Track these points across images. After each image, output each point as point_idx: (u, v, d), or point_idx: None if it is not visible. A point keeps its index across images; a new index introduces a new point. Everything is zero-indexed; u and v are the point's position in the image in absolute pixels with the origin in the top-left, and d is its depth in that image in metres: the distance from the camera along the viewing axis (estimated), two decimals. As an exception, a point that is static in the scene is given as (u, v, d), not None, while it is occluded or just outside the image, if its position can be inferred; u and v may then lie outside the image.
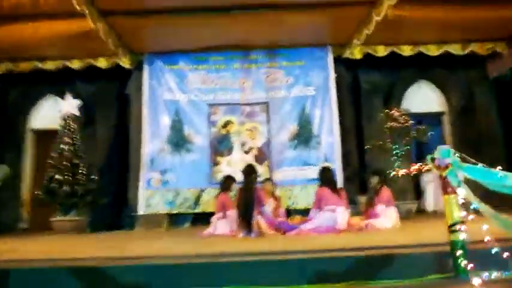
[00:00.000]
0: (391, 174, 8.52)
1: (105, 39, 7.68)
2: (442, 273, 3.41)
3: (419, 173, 9.44)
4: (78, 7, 6.54)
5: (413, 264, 3.54)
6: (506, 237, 3.23)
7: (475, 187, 3.38)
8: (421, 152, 9.89)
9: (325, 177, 6.44)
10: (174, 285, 3.30)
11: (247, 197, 5.95)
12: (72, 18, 7.13)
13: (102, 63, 8.85)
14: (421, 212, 9.33)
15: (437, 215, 9.18)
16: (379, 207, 6.51)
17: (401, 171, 8.63)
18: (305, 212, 7.06)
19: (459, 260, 3.26)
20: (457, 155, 3.43)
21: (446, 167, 3.41)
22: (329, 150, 8.92)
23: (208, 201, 8.40)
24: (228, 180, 6.89)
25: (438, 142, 10.45)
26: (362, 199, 8.83)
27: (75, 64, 8.81)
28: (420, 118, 9.45)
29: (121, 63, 8.84)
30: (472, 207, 3.21)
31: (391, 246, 3.96)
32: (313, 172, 8.58)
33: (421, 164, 9.01)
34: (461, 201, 3.33)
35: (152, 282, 3.31)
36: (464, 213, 3.33)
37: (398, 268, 3.49)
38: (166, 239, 6.01)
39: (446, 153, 3.44)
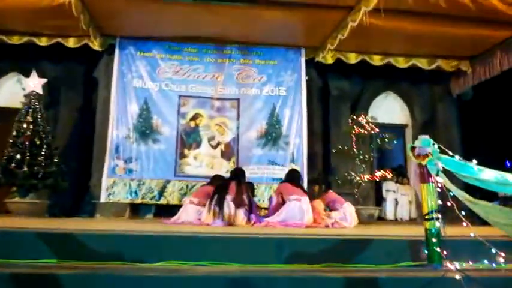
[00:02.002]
0: (356, 179, 8.69)
1: (77, 16, 7.28)
2: (416, 260, 3.46)
3: (381, 181, 9.74)
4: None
5: (389, 250, 3.57)
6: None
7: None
8: (383, 161, 10.13)
9: (291, 176, 6.64)
10: (148, 256, 3.16)
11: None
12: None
13: (71, 43, 8.44)
14: (381, 219, 9.52)
15: (398, 222, 9.44)
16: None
17: (366, 177, 8.81)
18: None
19: (434, 248, 3.31)
20: (436, 146, 3.51)
21: (426, 155, 3.48)
22: (296, 151, 8.95)
23: (173, 193, 8.28)
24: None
25: (400, 153, 10.77)
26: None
27: (43, 41, 8.37)
28: (385, 128, 9.63)
29: (91, 45, 8.50)
30: (451, 194, 3.28)
31: (367, 235, 3.99)
32: (280, 172, 8.66)
33: (384, 171, 9.29)
34: (438, 190, 3.41)
35: (125, 252, 3.16)
36: (440, 201, 3.40)
37: (374, 253, 3.51)
38: (131, 223, 5.82)
39: (427, 142, 3.51)
